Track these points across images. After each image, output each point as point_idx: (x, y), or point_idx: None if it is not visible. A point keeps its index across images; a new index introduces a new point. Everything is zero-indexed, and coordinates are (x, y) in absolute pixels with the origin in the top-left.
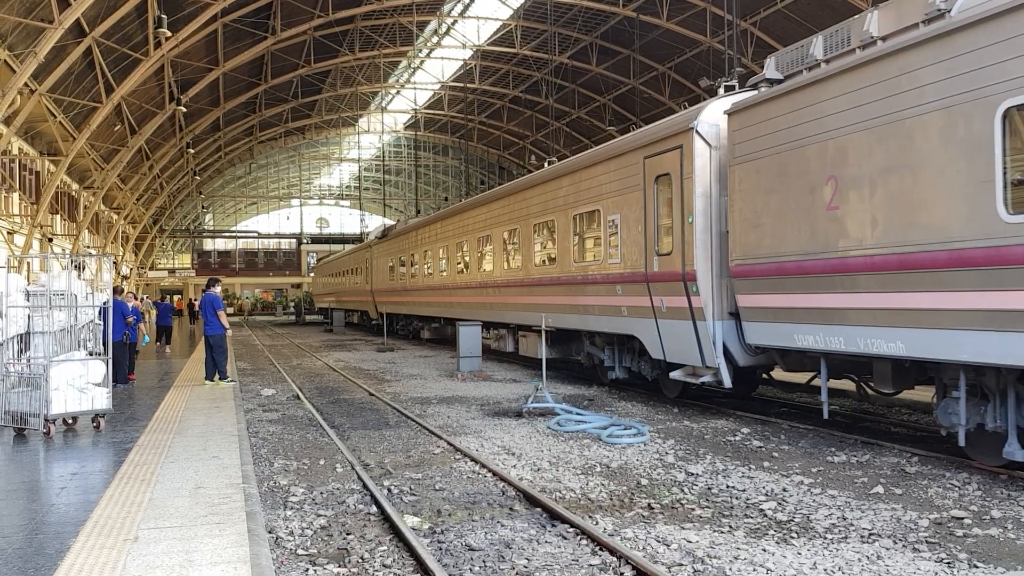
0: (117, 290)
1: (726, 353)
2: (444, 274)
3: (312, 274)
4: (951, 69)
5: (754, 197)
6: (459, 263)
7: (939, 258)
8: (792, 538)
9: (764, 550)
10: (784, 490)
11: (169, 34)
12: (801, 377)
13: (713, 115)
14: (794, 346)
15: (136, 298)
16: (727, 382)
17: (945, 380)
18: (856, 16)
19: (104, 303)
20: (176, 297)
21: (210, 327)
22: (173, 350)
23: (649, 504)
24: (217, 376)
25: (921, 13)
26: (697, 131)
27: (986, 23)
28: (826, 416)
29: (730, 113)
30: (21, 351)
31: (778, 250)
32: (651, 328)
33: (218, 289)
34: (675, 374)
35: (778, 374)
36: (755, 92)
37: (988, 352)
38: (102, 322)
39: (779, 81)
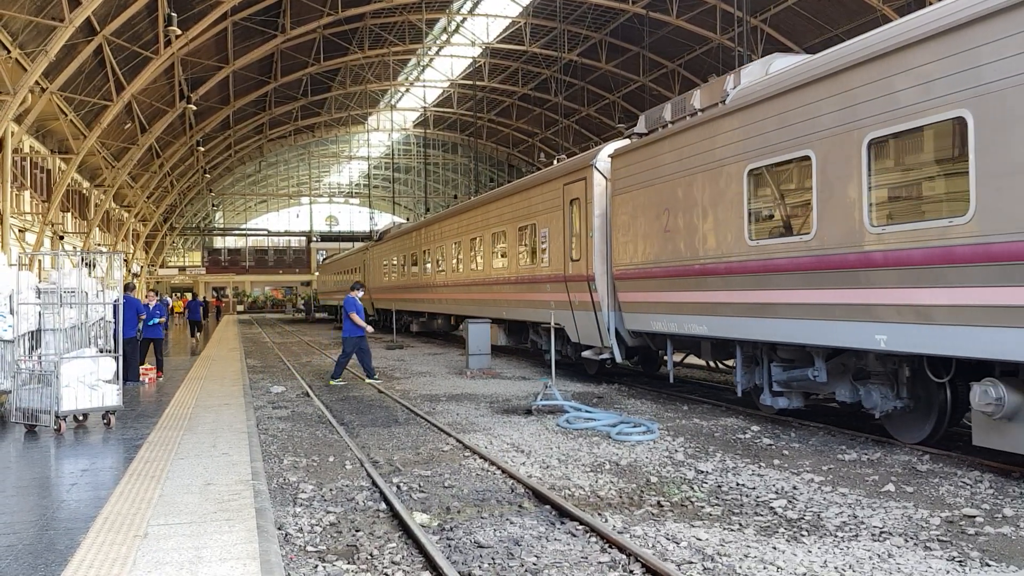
0: (128, 287)
1: (618, 336)
2: (427, 275)
3: (318, 273)
4: (725, 139)
5: (625, 220)
6: (438, 265)
7: (719, 268)
8: (803, 536)
9: (774, 548)
10: (794, 488)
11: (179, 32)
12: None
13: (607, 155)
14: (651, 330)
15: (156, 294)
16: (619, 358)
17: (735, 352)
18: (689, 91)
19: (118, 300)
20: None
21: (344, 329)
22: (183, 348)
23: (659, 502)
24: (331, 376)
25: (720, 95)
26: (596, 167)
27: (739, 111)
28: (671, 381)
29: (612, 156)
30: (32, 348)
31: (639, 259)
32: (569, 318)
33: (360, 293)
34: (586, 353)
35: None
36: (628, 142)
37: (749, 332)
38: (114, 319)
39: (645, 134)
